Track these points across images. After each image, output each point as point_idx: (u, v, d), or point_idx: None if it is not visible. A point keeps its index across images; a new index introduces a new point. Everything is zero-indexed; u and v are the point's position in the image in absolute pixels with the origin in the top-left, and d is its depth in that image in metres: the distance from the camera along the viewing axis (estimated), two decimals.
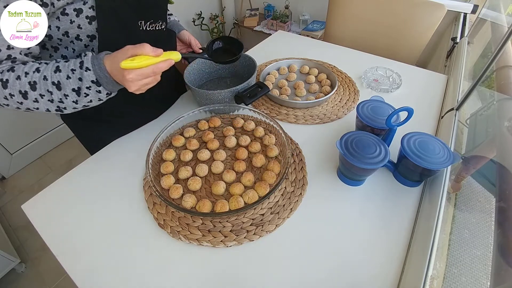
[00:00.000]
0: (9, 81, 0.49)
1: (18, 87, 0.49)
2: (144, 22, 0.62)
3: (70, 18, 0.52)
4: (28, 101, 0.50)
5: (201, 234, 0.53)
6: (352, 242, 0.52)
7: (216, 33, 2.44)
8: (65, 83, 0.50)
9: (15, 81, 0.49)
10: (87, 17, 0.53)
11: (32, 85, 0.49)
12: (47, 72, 0.50)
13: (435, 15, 1.08)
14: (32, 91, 0.49)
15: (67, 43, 0.56)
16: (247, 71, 0.88)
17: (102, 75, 0.50)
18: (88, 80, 0.50)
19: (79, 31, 0.54)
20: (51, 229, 0.56)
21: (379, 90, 0.87)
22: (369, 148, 0.55)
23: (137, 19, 0.61)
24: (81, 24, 0.53)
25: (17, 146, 1.75)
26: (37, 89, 0.49)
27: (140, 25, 0.62)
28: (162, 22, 0.68)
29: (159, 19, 0.67)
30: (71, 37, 0.55)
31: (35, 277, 1.31)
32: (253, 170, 0.63)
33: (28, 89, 0.49)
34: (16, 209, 1.58)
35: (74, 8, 0.51)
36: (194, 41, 0.85)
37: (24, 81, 0.49)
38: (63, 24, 0.52)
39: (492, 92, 0.74)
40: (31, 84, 0.49)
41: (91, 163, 0.69)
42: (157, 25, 0.66)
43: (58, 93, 0.50)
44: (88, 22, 0.53)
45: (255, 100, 0.73)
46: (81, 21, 0.53)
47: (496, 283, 0.40)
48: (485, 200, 0.55)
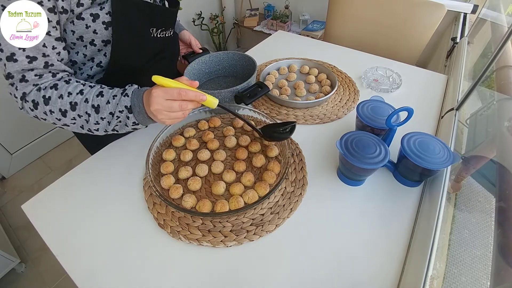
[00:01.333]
0: (51, 99, 0.50)
1: (59, 106, 0.51)
2: (156, 29, 0.63)
3: (86, 23, 0.52)
4: (67, 119, 0.52)
5: (201, 234, 0.53)
6: (352, 242, 0.52)
7: (216, 33, 2.44)
8: (104, 107, 0.52)
9: (57, 99, 0.51)
10: (104, 23, 0.53)
11: (72, 105, 0.51)
12: (90, 95, 0.52)
13: (435, 15, 1.08)
14: (72, 111, 0.51)
15: (80, 48, 0.57)
16: (247, 71, 0.88)
17: (137, 103, 0.52)
18: (123, 104, 0.52)
19: (95, 36, 0.54)
20: (51, 229, 0.56)
21: (379, 90, 0.87)
22: (369, 148, 0.55)
23: (149, 26, 0.62)
24: (97, 29, 0.54)
25: (17, 146, 1.75)
26: (77, 110, 0.51)
27: (152, 32, 0.63)
28: (171, 29, 0.69)
29: (170, 27, 0.68)
30: (85, 42, 0.55)
31: (35, 277, 1.31)
32: (253, 170, 0.63)
33: (69, 108, 0.51)
34: (16, 209, 1.58)
35: (91, 13, 0.52)
36: (195, 41, 0.86)
37: (66, 100, 0.51)
38: (78, 28, 0.53)
39: (492, 92, 0.74)
40: (72, 104, 0.51)
41: (91, 163, 0.69)
42: (167, 32, 0.67)
43: (95, 116, 0.52)
44: (105, 27, 0.54)
45: (255, 100, 0.73)
46: (97, 26, 0.53)
47: (496, 283, 0.40)
48: (485, 200, 0.54)
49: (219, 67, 0.92)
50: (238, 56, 0.89)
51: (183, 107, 0.49)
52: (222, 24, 2.48)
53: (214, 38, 2.49)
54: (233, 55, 0.90)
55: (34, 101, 0.50)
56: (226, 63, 0.91)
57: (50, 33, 0.50)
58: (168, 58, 0.76)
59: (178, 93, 0.47)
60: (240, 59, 0.89)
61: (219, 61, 0.91)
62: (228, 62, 0.91)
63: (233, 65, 0.91)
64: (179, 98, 0.48)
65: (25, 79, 0.49)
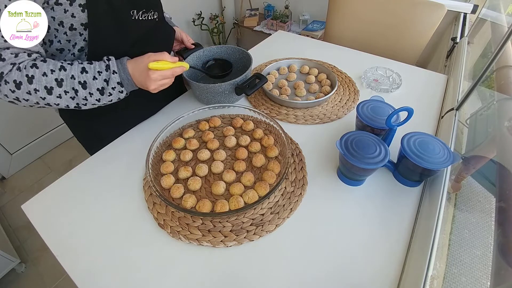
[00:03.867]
0: (35, 77, 0.51)
1: (44, 83, 0.52)
2: (136, 11, 0.63)
3: (64, 8, 0.52)
4: (52, 96, 0.53)
5: (201, 234, 0.53)
6: (352, 242, 0.52)
7: (216, 33, 2.45)
8: (91, 83, 0.55)
9: (41, 77, 0.51)
10: (80, 5, 0.53)
11: (59, 82, 0.53)
12: (74, 72, 0.54)
13: (435, 15, 1.08)
14: (58, 87, 0.53)
15: (62, 34, 0.56)
16: (241, 65, 0.89)
17: (125, 77, 0.58)
18: (114, 81, 0.56)
19: (73, 20, 0.54)
20: (51, 229, 0.56)
21: (379, 90, 0.87)
22: (369, 148, 0.55)
23: (130, 8, 0.61)
24: (75, 12, 0.53)
25: (17, 146, 1.75)
26: (63, 86, 0.53)
27: (132, 14, 0.62)
28: (154, 11, 0.68)
29: (151, 9, 0.67)
30: (66, 27, 0.55)
31: (35, 277, 1.31)
32: (253, 170, 0.63)
33: (55, 85, 0.52)
34: (16, 209, 1.58)
35: None
36: (186, 37, 0.86)
37: (51, 77, 0.52)
38: (57, 14, 0.53)
39: (492, 92, 0.74)
40: (58, 81, 0.53)
41: (91, 163, 0.69)
42: (149, 14, 0.66)
43: (83, 92, 0.55)
44: (81, 10, 0.54)
45: (255, 90, 0.75)
46: (75, 10, 0.53)
47: (496, 283, 0.40)
48: (485, 200, 0.54)
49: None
50: (232, 50, 0.90)
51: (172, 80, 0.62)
52: (222, 24, 2.48)
53: (214, 38, 2.49)
54: (227, 48, 0.90)
55: (16, 81, 0.50)
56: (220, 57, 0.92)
57: None
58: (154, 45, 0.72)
59: (171, 74, 0.60)
60: (234, 53, 0.90)
61: (214, 55, 0.91)
62: (222, 56, 0.92)
63: (228, 58, 0.92)
64: (171, 76, 0.60)
65: (1, 58, 0.49)
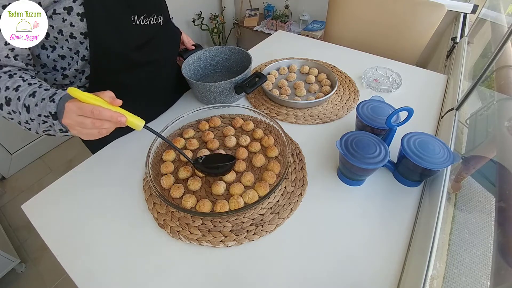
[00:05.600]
0: None
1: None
2: (137, 17, 0.61)
3: (62, 17, 0.52)
4: (3, 112, 0.51)
5: (201, 234, 0.53)
6: (352, 242, 0.52)
7: (216, 33, 2.44)
8: (33, 108, 0.49)
9: None
10: (78, 14, 0.52)
11: (7, 100, 0.50)
12: (23, 93, 0.50)
13: (435, 15, 1.08)
14: (7, 106, 0.50)
15: (63, 42, 0.56)
16: (241, 64, 0.90)
17: (62, 110, 0.47)
18: (47, 110, 0.48)
19: (72, 29, 0.54)
20: (51, 229, 0.56)
21: (379, 90, 0.87)
22: (369, 148, 0.55)
23: (130, 14, 0.60)
24: (73, 21, 0.53)
25: (17, 146, 1.75)
26: (11, 106, 0.50)
27: (133, 20, 0.61)
28: (157, 15, 0.66)
29: (153, 13, 0.65)
30: (65, 35, 0.55)
31: (35, 277, 1.31)
32: (253, 170, 0.63)
33: (4, 103, 0.50)
34: (16, 209, 1.58)
35: (64, 6, 0.51)
36: (187, 38, 0.86)
37: (2, 94, 0.50)
38: (56, 22, 0.52)
39: (492, 92, 0.74)
40: (7, 99, 0.50)
41: (91, 163, 0.69)
42: (151, 19, 0.65)
43: (26, 115, 0.50)
44: (80, 19, 0.53)
45: (255, 89, 0.75)
46: (73, 19, 0.53)
47: (496, 283, 0.40)
48: (485, 200, 0.54)
49: (213, 62, 0.93)
50: (232, 50, 0.90)
51: (96, 125, 0.45)
52: (222, 24, 2.48)
53: (214, 38, 2.49)
54: (227, 49, 0.91)
55: None
56: (220, 58, 0.93)
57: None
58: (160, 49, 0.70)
59: (91, 111, 0.44)
60: (234, 53, 0.90)
61: (214, 56, 0.92)
62: (222, 56, 0.92)
63: (227, 59, 0.92)
64: (91, 116, 0.44)
65: None
